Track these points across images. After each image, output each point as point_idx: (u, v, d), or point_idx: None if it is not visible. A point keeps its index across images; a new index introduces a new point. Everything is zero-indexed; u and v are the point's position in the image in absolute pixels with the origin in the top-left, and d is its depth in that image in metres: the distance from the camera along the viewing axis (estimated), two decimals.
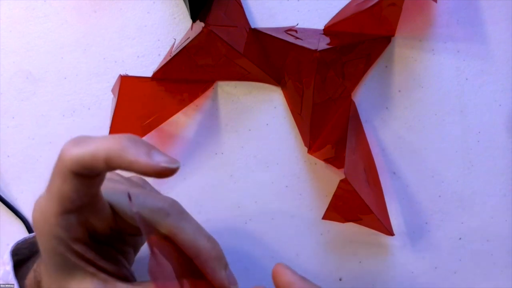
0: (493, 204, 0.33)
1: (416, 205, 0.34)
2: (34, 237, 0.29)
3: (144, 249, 0.30)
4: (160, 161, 0.20)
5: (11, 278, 0.26)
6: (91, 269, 0.24)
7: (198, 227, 0.25)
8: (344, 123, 0.33)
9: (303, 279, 0.25)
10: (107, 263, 0.24)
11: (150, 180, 0.30)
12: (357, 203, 0.30)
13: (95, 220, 0.24)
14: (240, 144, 0.35)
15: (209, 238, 0.25)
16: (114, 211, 0.25)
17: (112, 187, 0.25)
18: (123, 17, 0.36)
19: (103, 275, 0.24)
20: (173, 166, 0.21)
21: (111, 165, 0.21)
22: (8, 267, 0.26)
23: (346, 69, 0.33)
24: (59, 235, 0.23)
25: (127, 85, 0.33)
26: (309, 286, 0.25)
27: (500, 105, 0.33)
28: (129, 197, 0.23)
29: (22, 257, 0.28)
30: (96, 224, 0.24)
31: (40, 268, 0.26)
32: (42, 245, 0.23)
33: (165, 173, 0.21)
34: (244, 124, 0.35)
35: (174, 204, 0.25)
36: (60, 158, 0.21)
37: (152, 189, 0.30)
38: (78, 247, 0.23)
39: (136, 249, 0.29)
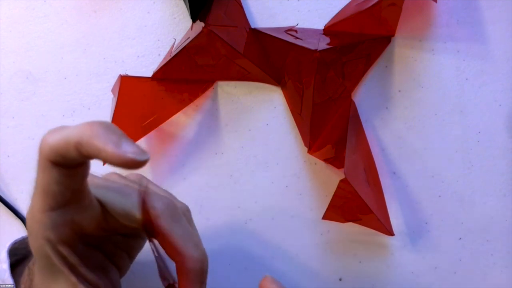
0: (493, 204, 0.33)
1: (416, 205, 0.34)
2: None
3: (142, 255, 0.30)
4: (127, 151, 0.20)
5: (8, 277, 0.26)
6: (72, 278, 0.23)
7: (189, 233, 0.24)
8: (344, 123, 0.33)
9: None
10: (89, 272, 0.24)
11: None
12: (357, 203, 0.30)
13: (82, 219, 0.23)
14: (240, 144, 0.35)
15: (198, 247, 0.24)
16: (105, 210, 0.24)
17: (104, 184, 0.25)
18: (123, 17, 0.36)
19: (81, 287, 0.23)
20: (140, 158, 0.20)
21: (81, 151, 0.20)
22: (5, 265, 0.26)
23: (346, 69, 0.33)
24: (45, 235, 0.22)
25: (127, 85, 0.33)
26: None
27: (500, 105, 0.33)
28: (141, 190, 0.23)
29: (20, 257, 0.28)
30: (83, 224, 0.23)
31: (34, 266, 0.25)
32: (31, 244, 0.23)
33: (131, 164, 0.20)
34: (244, 124, 0.35)
35: (168, 205, 0.24)
36: (39, 149, 0.21)
37: (150, 186, 0.28)
38: (64, 249, 0.23)
39: (130, 254, 0.28)
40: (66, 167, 0.21)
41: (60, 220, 0.22)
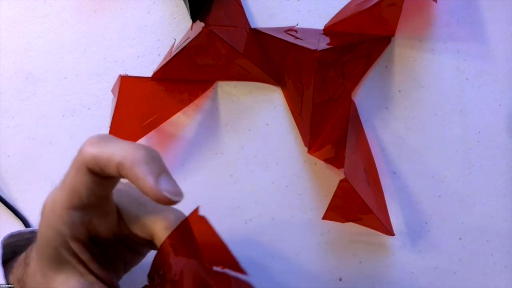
0: (493, 204, 0.33)
1: (416, 205, 0.34)
2: (30, 232, 0.29)
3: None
4: (164, 188, 0.21)
5: None
6: (81, 269, 0.24)
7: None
8: (344, 123, 0.33)
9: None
10: (98, 267, 0.24)
11: None
12: (357, 203, 0.30)
13: (99, 223, 0.24)
14: (240, 144, 0.35)
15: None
16: (120, 216, 0.25)
17: (125, 189, 0.26)
18: (123, 17, 0.36)
19: (91, 277, 0.24)
20: (174, 199, 0.21)
21: (121, 172, 0.21)
22: None
23: (346, 69, 0.33)
24: (60, 229, 0.23)
25: (127, 85, 0.33)
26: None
27: (500, 105, 0.33)
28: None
29: (19, 250, 0.28)
30: (99, 228, 0.24)
31: (32, 252, 0.25)
32: (41, 233, 0.23)
33: (164, 201, 0.21)
34: (244, 124, 0.35)
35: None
36: (79, 152, 0.22)
37: None
38: (75, 246, 0.23)
39: (127, 266, 0.28)
40: (99, 177, 0.22)
41: (78, 219, 0.23)
